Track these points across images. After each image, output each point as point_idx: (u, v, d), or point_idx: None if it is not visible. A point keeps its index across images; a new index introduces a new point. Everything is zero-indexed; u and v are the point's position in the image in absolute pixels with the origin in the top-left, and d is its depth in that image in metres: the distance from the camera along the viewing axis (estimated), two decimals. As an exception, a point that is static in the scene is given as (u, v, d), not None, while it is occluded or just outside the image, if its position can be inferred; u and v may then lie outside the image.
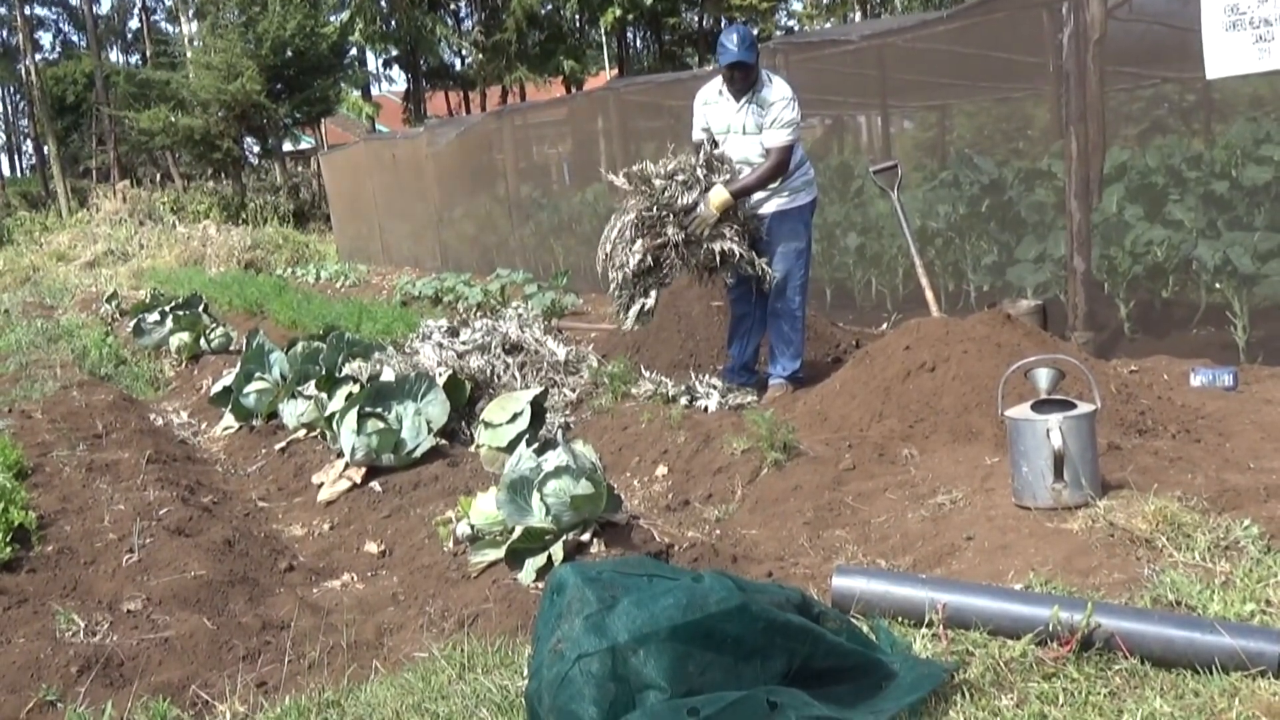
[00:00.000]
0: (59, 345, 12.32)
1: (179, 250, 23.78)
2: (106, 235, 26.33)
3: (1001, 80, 10.14)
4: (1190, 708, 2.90)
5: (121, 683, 3.83)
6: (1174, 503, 4.17)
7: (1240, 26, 5.99)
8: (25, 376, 10.08)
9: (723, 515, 5.06)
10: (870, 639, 3.25)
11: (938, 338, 5.67)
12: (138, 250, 24.78)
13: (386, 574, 4.91)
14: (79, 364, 10.88)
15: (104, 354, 11.43)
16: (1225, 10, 6.04)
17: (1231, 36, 6.04)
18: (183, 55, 37.86)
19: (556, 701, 2.73)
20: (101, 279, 21.73)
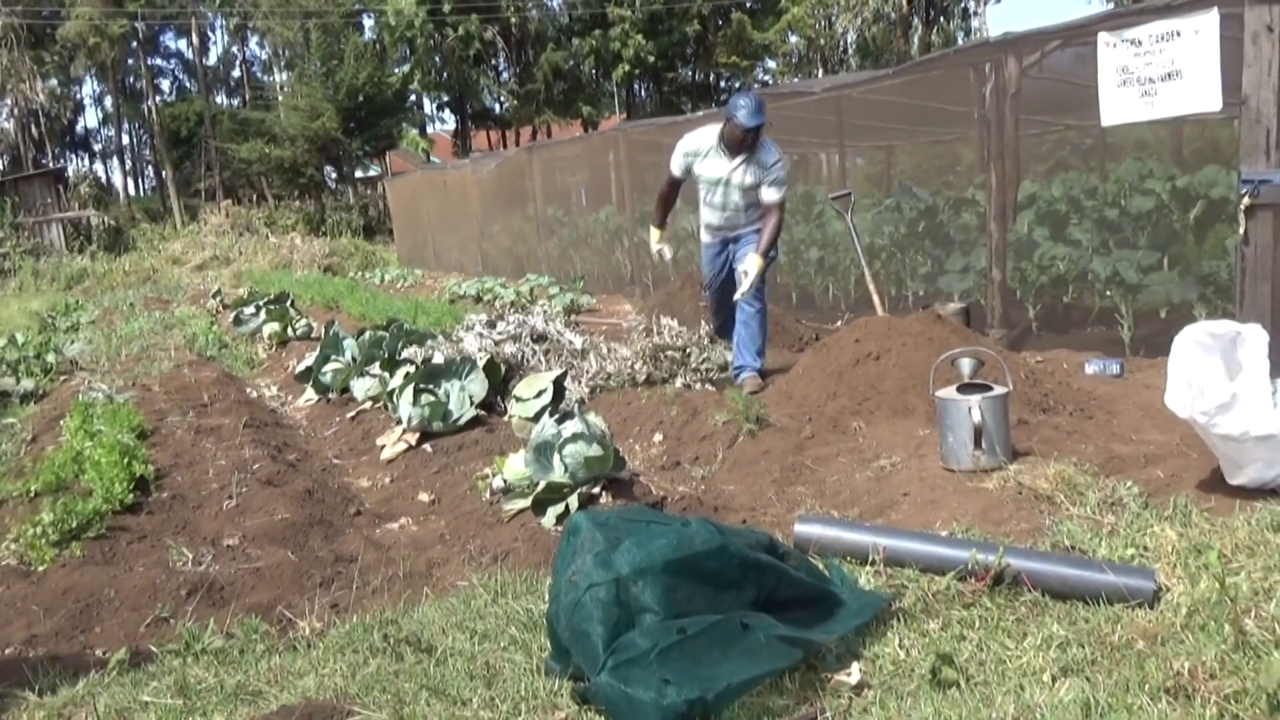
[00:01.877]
0: (173, 332, 12.30)
1: (271, 256, 23.75)
2: (212, 244, 26.31)
3: (936, 125, 10.10)
4: (1081, 631, 2.90)
5: (221, 603, 3.83)
6: (1070, 467, 4.16)
7: (1129, 84, 5.95)
8: (145, 357, 10.06)
9: (707, 474, 5.05)
10: (825, 574, 3.24)
11: (882, 333, 5.65)
12: (237, 256, 24.75)
13: (435, 518, 4.90)
14: (189, 347, 10.86)
15: (209, 339, 11.41)
16: (1117, 70, 6.00)
17: (1122, 91, 6.00)
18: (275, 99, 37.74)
19: (571, 621, 2.73)
20: (208, 279, 21.70)
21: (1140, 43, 5.88)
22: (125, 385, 8.16)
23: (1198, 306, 6.46)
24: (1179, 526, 3.50)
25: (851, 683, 2.73)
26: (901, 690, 2.68)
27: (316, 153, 32.88)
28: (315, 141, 32.01)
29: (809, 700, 2.66)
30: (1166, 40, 5.76)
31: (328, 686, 2.96)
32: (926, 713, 2.48)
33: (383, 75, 33.22)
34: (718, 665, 2.61)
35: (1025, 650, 2.83)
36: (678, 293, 8.87)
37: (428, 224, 21.70)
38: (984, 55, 7.33)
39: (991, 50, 7.24)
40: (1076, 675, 2.65)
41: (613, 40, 35.07)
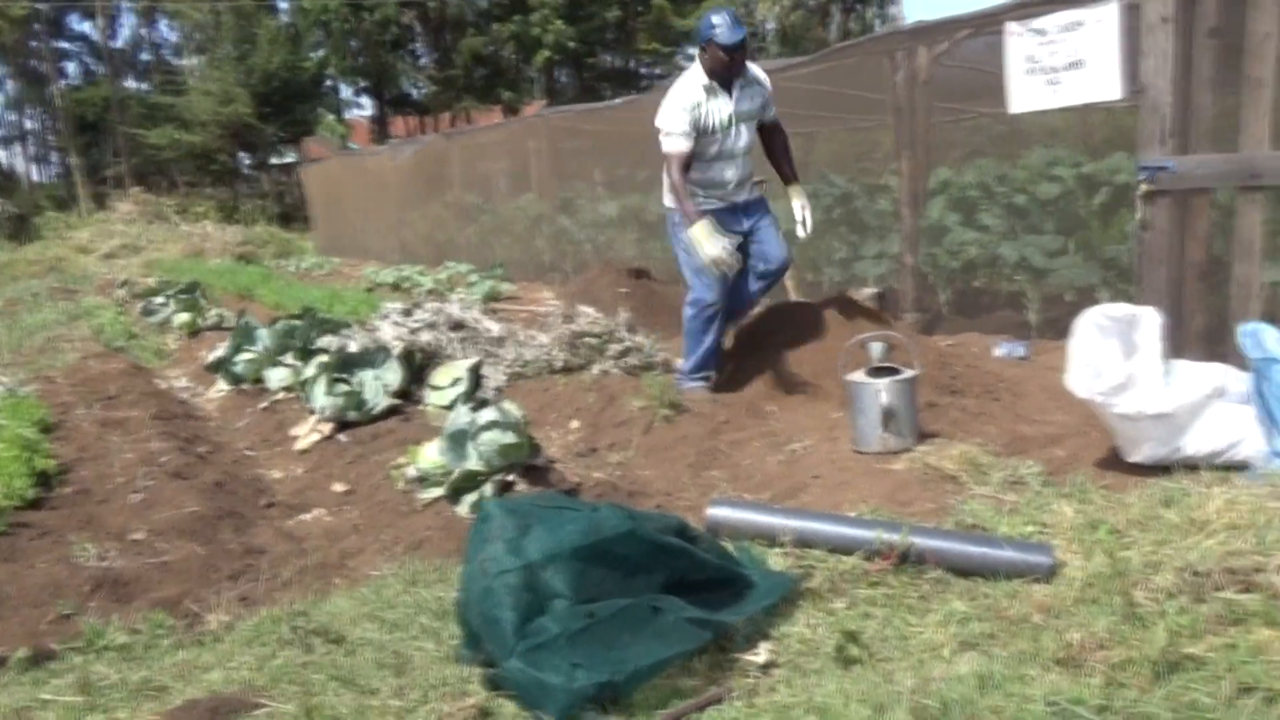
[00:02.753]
0: (79, 323, 11.98)
1: (182, 245, 23.18)
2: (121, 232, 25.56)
3: (854, 113, 10.20)
4: (981, 606, 2.99)
5: (127, 599, 3.75)
6: (976, 448, 4.27)
7: (1035, 72, 6.10)
8: (50, 349, 9.80)
9: (623, 460, 5.08)
10: (735, 557, 3.29)
11: (795, 317, 5.74)
12: (147, 245, 24.09)
13: (350, 508, 4.86)
14: (96, 338, 10.58)
15: (117, 330, 11.12)
16: (1024, 59, 6.14)
17: (1029, 79, 6.15)
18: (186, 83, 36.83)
19: (482, 608, 2.74)
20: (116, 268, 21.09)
21: (1045, 32, 6.03)
22: (28, 378, 7.93)
23: (1101, 290, 6.65)
24: (1077, 503, 3.62)
25: (759, 662, 2.78)
26: (808, 668, 2.75)
27: (229, 139, 32.25)
28: (228, 127, 31.39)
29: (718, 680, 2.70)
30: (1070, 30, 5.91)
31: (235, 679, 2.93)
32: (830, 689, 2.54)
33: (298, 59, 32.70)
34: (628, 648, 2.65)
35: (928, 626, 2.92)
36: (597, 279, 8.87)
37: (346, 211, 21.42)
38: (896, 43, 7.47)
39: (903, 39, 7.37)
40: (975, 649, 2.74)
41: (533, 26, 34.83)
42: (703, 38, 5.34)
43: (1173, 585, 2.79)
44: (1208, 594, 2.73)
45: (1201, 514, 3.24)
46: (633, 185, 11.94)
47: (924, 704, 2.32)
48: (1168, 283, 5.24)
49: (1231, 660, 2.40)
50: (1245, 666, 2.36)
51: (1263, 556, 2.85)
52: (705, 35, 5.31)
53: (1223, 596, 2.71)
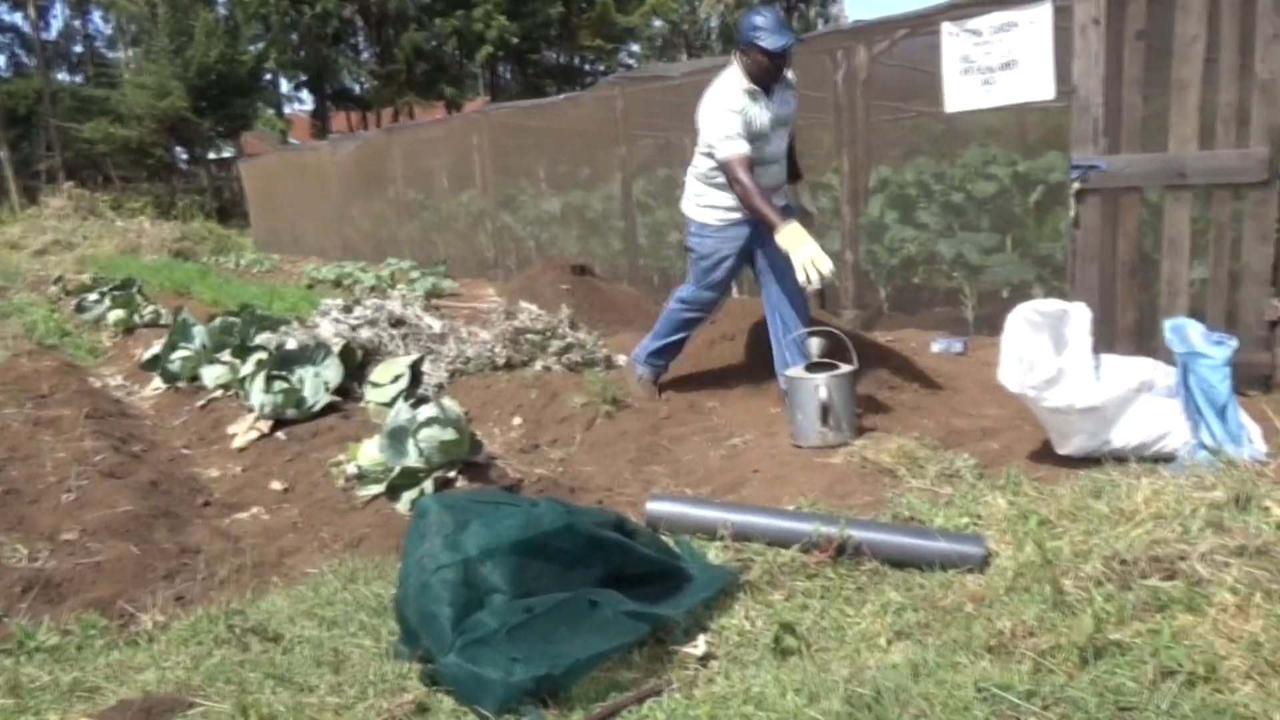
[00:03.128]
0: (10, 320, 11.72)
1: (117, 241, 22.72)
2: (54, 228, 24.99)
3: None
4: (916, 596, 3.04)
5: (59, 600, 3.69)
6: (912, 441, 4.33)
7: (971, 72, 6.20)
8: (-21, 347, 9.59)
9: (565, 456, 5.09)
10: (674, 550, 3.31)
11: (736, 314, 5.78)
12: (81, 241, 23.58)
13: (288, 506, 4.82)
14: (28, 336, 10.36)
15: (50, 327, 10.90)
16: (960, 59, 6.24)
17: (964, 79, 6.25)
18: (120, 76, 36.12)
19: (419, 604, 2.74)
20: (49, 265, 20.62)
21: (980, 33, 6.13)
22: (-44, 377, 7.76)
23: (1035, 286, 6.78)
24: (1010, 495, 3.69)
25: (698, 654, 2.81)
26: (745, 659, 2.78)
27: (165, 133, 31.64)
28: (164, 121, 30.79)
29: (657, 673, 2.72)
30: (1004, 31, 6.01)
31: (169, 679, 2.90)
32: (767, 680, 2.57)
33: (236, 53, 32.14)
34: (566, 642, 2.66)
35: (864, 616, 2.96)
36: (539, 276, 8.87)
37: (285, 207, 21.15)
38: (836, 42, 7.53)
39: (843, 38, 7.45)
40: (909, 638, 2.78)
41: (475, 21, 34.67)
42: (744, 39, 4.79)
43: (1100, 574, 2.85)
44: (1133, 582, 2.80)
45: (1129, 504, 3.32)
46: (576, 182, 11.93)
47: (858, 692, 2.36)
48: (1099, 279, 5.36)
49: (1155, 645, 2.46)
50: (1168, 651, 2.43)
51: (1186, 545, 2.92)
52: (747, 37, 4.76)
53: (1148, 584, 2.78)
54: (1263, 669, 2.39)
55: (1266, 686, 2.34)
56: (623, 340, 7.34)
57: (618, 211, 10.82)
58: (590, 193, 11.59)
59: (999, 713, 2.25)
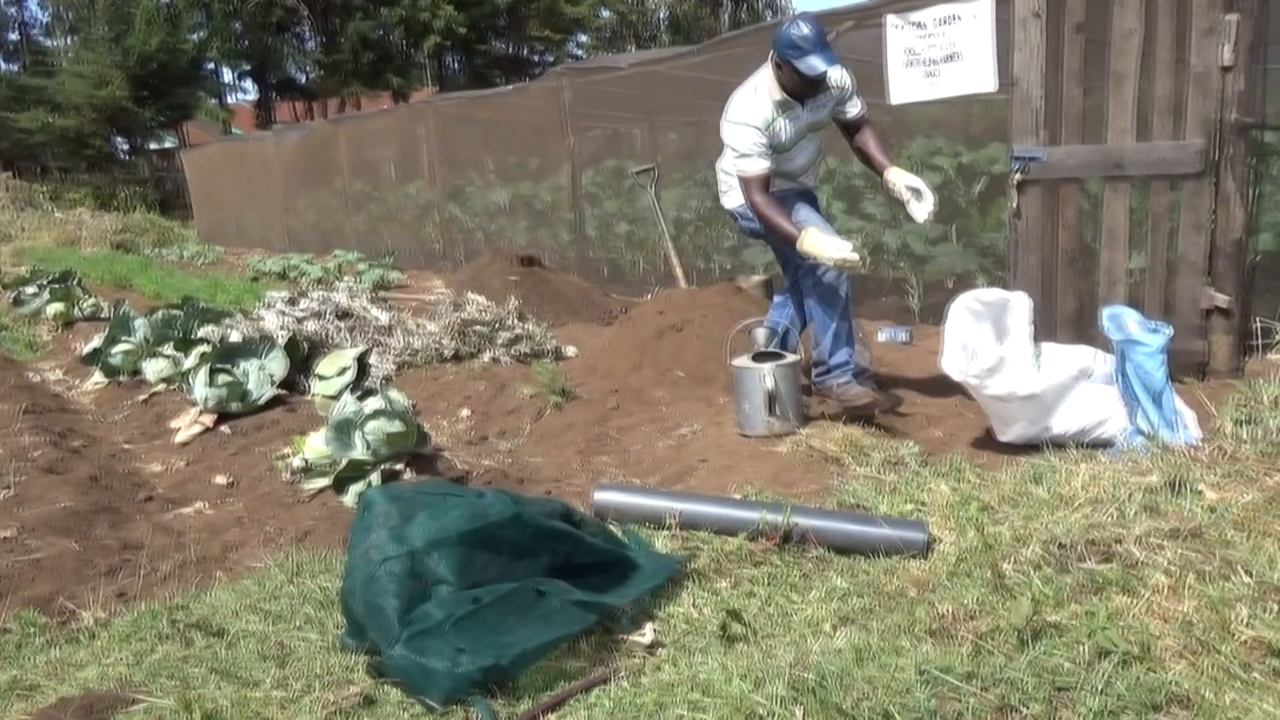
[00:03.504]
0: (-56, 314, 11.47)
1: (56, 233, 22.26)
2: (-11, 219, 24.53)
3: (743, 102, 10.32)
4: (861, 582, 3.08)
5: (-4, 597, 3.64)
6: (857, 430, 4.38)
7: (914, 64, 6.26)
8: (-88, 341, 9.38)
9: (513, 447, 5.08)
10: (621, 540, 3.33)
11: (684, 305, 5.81)
12: (19, 233, 23.06)
13: (233, 501, 4.77)
14: (-38, 330, 10.16)
15: (-15, 321, 10.70)
16: (904, 52, 6.30)
17: (908, 71, 6.31)
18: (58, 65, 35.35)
19: (366, 596, 2.73)
20: (-16, 257, 20.25)
21: (924, 25, 6.19)
22: (-113, 372, 7.58)
23: (979, 276, 6.87)
24: (953, 482, 3.75)
25: (645, 642, 2.82)
26: (692, 647, 2.79)
27: (104, 123, 31.05)
28: (103, 111, 30.21)
29: (604, 661, 2.73)
30: (947, 23, 6.08)
31: (111, 676, 2.86)
32: (713, 667, 2.59)
33: (177, 41, 31.56)
34: (514, 632, 2.66)
35: (809, 603, 3.00)
36: (486, 267, 8.84)
37: (229, 198, 20.85)
38: (782, 34, 7.56)
39: (788, 29, 7.46)
40: (853, 623, 2.82)
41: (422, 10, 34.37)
42: (780, 53, 4.43)
43: (1039, 557, 2.91)
44: (1071, 565, 2.86)
45: (1067, 490, 3.39)
46: (524, 173, 11.90)
47: (802, 677, 2.39)
48: (1040, 268, 5.45)
49: (1091, 626, 2.51)
50: (1103, 632, 2.48)
51: (1122, 529, 2.99)
52: (784, 54, 4.40)
53: (1084, 567, 2.84)
54: (1194, 648, 2.46)
55: (1198, 665, 2.40)
56: (571, 331, 7.35)
57: (566, 203, 10.81)
58: (539, 184, 11.56)
59: (939, 694, 2.29)
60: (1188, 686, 2.31)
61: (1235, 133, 4.85)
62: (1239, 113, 4.82)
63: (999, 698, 2.29)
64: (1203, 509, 3.10)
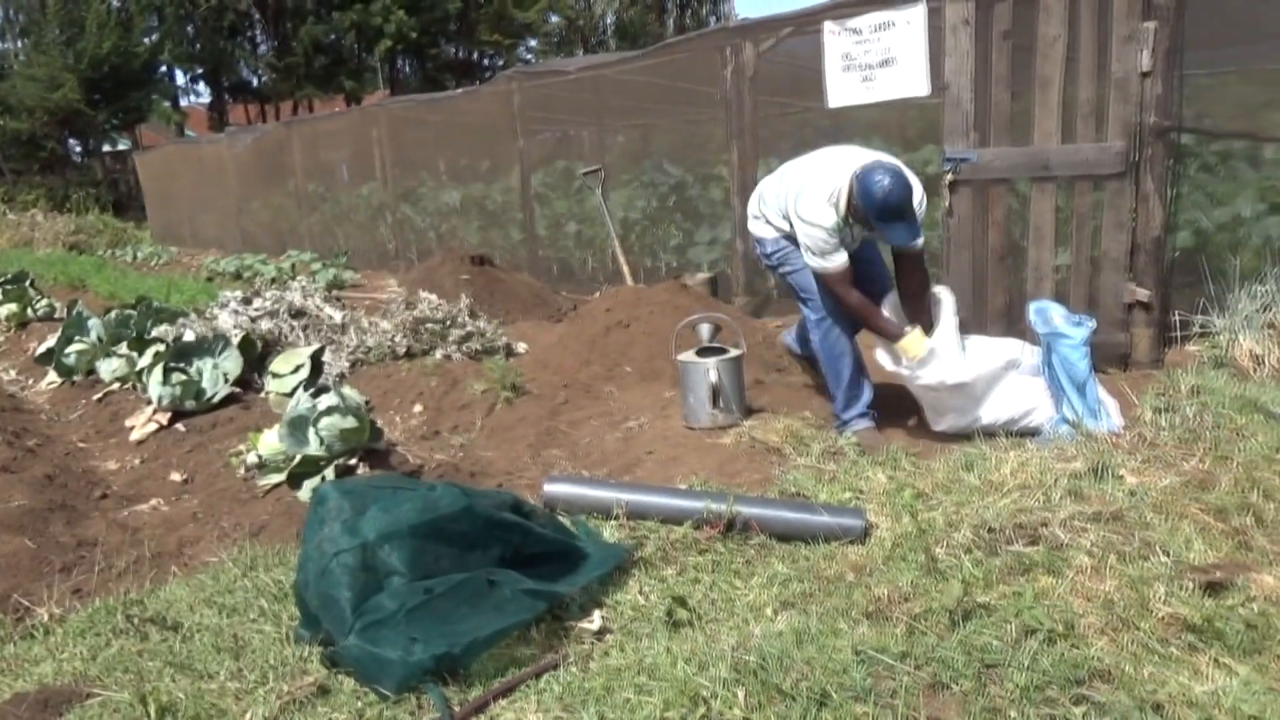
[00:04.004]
0: (-104, 316, 11.16)
1: (9, 234, 21.76)
2: (-59, 221, 23.91)
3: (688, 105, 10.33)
4: (801, 568, 3.11)
5: (-51, 596, 3.56)
6: (798, 421, 4.42)
7: (851, 69, 6.32)
8: None
9: (466, 441, 5.06)
10: (571, 530, 3.33)
11: (631, 302, 5.81)
12: (-29, 235, 22.59)
13: (188, 497, 4.70)
14: (-86, 331, 9.89)
15: (-62, 323, 10.42)
16: (841, 57, 6.36)
17: (845, 76, 6.37)
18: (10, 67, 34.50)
19: (319, 589, 2.71)
20: (-63, 259, 19.75)
21: (860, 31, 6.25)
22: None
23: (915, 273, 6.93)
24: (889, 470, 3.80)
25: (594, 629, 2.83)
26: (639, 632, 2.81)
27: (58, 125, 30.39)
28: (56, 114, 29.52)
29: (554, 648, 2.74)
30: (882, 30, 6.14)
31: (66, 671, 2.82)
32: (659, 651, 2.60)
33: (130, 45, 30.90)
34: (465, 621, 2.66)
35: (752, 588, 3.02)
36: (439, 267, 8.79)
37: (183, 200, 20.51)
38: (724, 39, 7.61)
39: (730, 35, 7.52)
40: (794, 607, 2.85)
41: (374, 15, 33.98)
42: (864, 205, 4.09)
43: (970, 541, 2.96)
44: (1000, 548, 2.92)
45: (997, 476, 3.45)
46: (475, 174, 11.83)
47: (744, 659, 2.41)
48: (971, 265, 5.53)
49: (1018, 606, 2.56)
50: (1030, 611, 2.53)
51: (1048, 513, 3.05)
52: (867, 208, 4.08)
53: (1012, 550, 2.89)
54: (1115, 625, 2.52)
55: (1118, 641, 2.46)
56: (522, 328, 7.33)
57: (517, 203, 10.77)
58: (490, 185, 11.51)
59: (875, 673, 2.32)
60: (1109, 661, 2.36)
61: (1154, 135, 4.95)
62: (1158, 116, 4.93)
63: (931, 675, 2.33)
64: (1124, 493, 3.17)
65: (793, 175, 4.52)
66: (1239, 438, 3.56)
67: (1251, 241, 5.61)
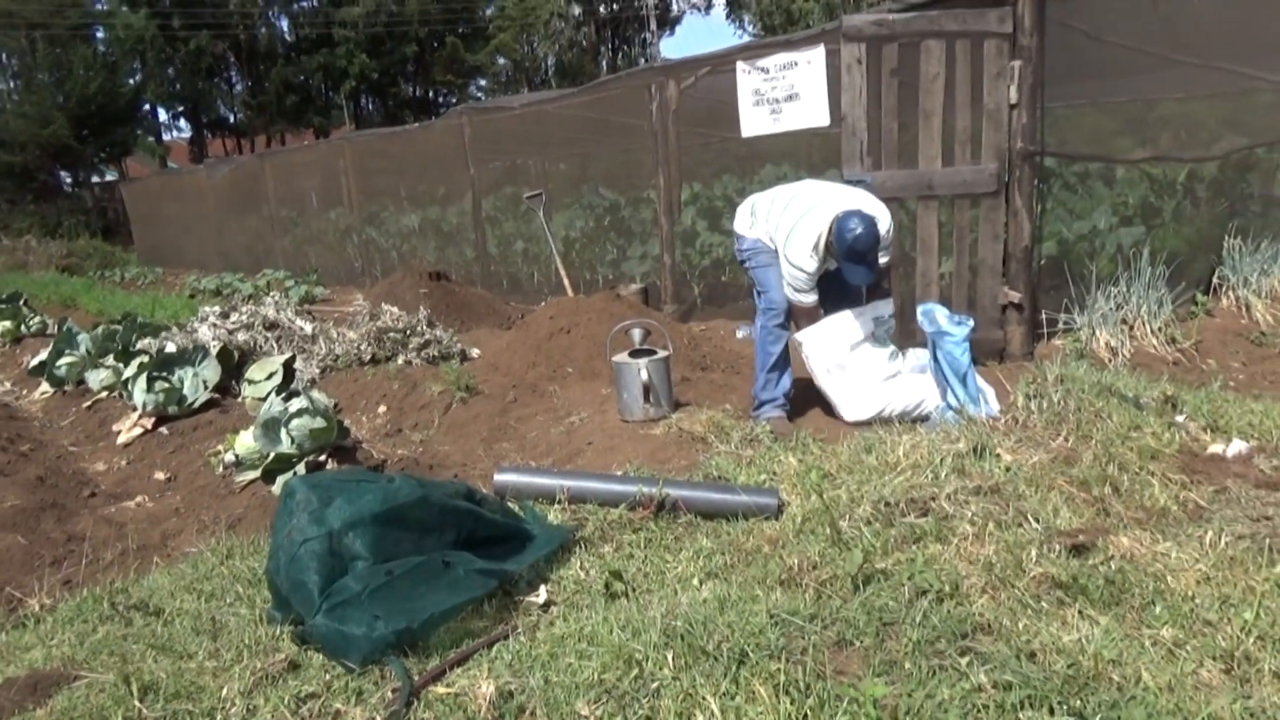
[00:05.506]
0: (-102, 334, 10.72)
1: (4, 259, 21.01)
2: (-60, 248, 23.01)
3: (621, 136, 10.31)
4: (724, 542, 3.10)
5: (-54, 590, 3.42)
6: (721, 413, 4.41)
7: (761, 103, 6.35)
8: None
9: (425, 438, 4.99)
10: (519, 514, 3.29)
11: (572, 310, 5.78)
12: (-32, 260, 21.78)
13: (172, 494, 4.58)
14: (-85, 348, 9.51)
15: (-62, 340, 10.03)
16: (752, 92, 6.39)
17: (756, 110, 6.40)
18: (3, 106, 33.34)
19: (289, 574, 2.64)
20: (-63, 282, 19.00)
21: (768, 70, 6.28)
22: None
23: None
24: (800, 454, 3.80)
25: (540, 602, 2.80)
26: (581, 604, 2.77)
27: (49, 158, 29.46)
28: (47, 148, 28.62)
29: (504, 620, 2.69)
30: (788, 69, 6.18)
31: (55, 656, 2.72)
32: (598, 620, 2.57)
33: (115, 85, 30.08)
34: (424, 599, 2.61)
35: (680, 561, 3.00)
36: (400, 282, 8.67)
37: (167, 225, 20.00)
38: (650, 78, 7.60)
39: (655, 74, 7.52)
40: (717, 578, 2.84)
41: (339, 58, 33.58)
42: (835, 238, 4.17)
43: (869, 515, 2.97)
44: (895, 520, 2.93)
45: (893, 457, 3.47)
46: (432, 199, 11.70)
47: (673, 625, 2.39)
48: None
49: (911, 570, 2.58)
50: (921, 575, 2.55)
51: (936, 488, 3.08)
52: (837, 242, 4.16)
53: (906, 521, 2.91)
54: (995, 584, 2.54)
55: (997, 599, 2.49)
56: (475, 336, 7.26)
57: (470, 225, 10.67)
58: (446, 209, 11.39)
59: (787, 634, 2.32)
60: (990, 617, 2.38)
61: (1022, 159, 5.05)
62: (1024, 142, 5.02)
63: (837, 634, 2.33)
64: (1001, 469, 3.21)
65: (786, 207, 4.44)
66: (1098, 419, 3.62)
67: (1107, 250, 5.74)
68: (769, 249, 4.49)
